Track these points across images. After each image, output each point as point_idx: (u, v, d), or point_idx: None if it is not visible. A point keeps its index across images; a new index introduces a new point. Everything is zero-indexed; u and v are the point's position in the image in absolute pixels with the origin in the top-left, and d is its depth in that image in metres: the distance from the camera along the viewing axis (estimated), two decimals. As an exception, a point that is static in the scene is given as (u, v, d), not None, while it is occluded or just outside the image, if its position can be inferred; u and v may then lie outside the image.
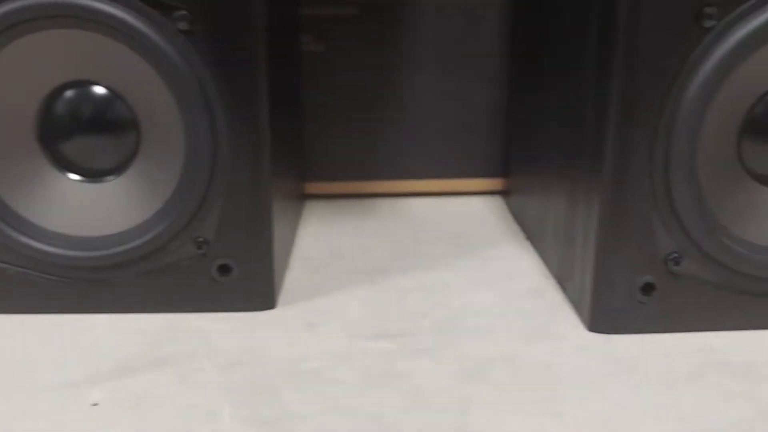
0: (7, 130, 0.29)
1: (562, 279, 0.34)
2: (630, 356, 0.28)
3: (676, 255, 0.29)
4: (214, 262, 0.31)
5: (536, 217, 0.38)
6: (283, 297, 0.33)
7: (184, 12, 0.27)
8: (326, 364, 0.28)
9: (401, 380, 0.27)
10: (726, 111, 0.27)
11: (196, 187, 0.29)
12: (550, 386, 0.26)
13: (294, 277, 0.36)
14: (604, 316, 0.29)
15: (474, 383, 0.26)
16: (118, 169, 0.30)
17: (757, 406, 0.25)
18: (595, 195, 0.28)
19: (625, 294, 0.29)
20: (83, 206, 0.30)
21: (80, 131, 0.30)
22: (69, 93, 0.29)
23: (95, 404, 0.25)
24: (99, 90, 0.29)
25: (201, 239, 0.30)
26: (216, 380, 0.27)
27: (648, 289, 0.29)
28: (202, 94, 0.28)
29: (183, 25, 0.27)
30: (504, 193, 0.47)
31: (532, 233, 0.39)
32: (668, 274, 0.29)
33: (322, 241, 0.41)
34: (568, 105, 0.31)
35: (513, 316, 0.32)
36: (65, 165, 0.30)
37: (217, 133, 0.29)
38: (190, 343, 0.29)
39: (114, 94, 0.29)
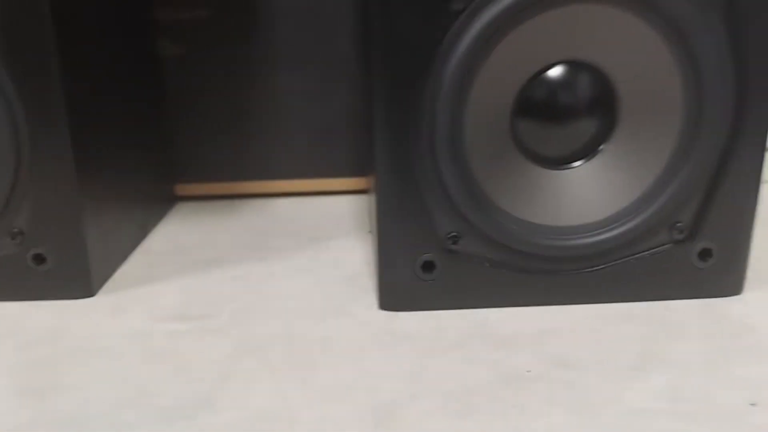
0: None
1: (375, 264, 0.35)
2: (405, 330, 0.29)
3: (454, 234, 0.30)
4: (29, 252, 0.32)
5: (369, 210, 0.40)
6: (108, 286, 0.35)
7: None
8: (117, 342, 0.29)
9: (177, 356, 0.28)
10: (494, 93, 0.28)
11: (2, 180, 0.31)
12: (312, 358, 0.28)
13: (127, 269, 0.37)
14: (390, 294, 0.31)
15: (244, 358, 0.28)
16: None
17: (497, 372, 0.26)
18: (375, 180, 0.30)
19: (408, 273, 0.30)
20: None
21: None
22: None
23: None
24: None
25: (16, 230, 0.32)
26: (8, 356, 0.28)
27: (429, 267, 0.30)
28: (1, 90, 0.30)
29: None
30: (366, 191, 0.48)
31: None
32: (448, 252, 0.30)
33: (173, 237, 0.42)
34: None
35: (318, 299, 0.33)
36: None
37: (17, 130, 0.30)
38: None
39: None
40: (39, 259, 0.33)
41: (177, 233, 0.43)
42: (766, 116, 0.28)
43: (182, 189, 0.49)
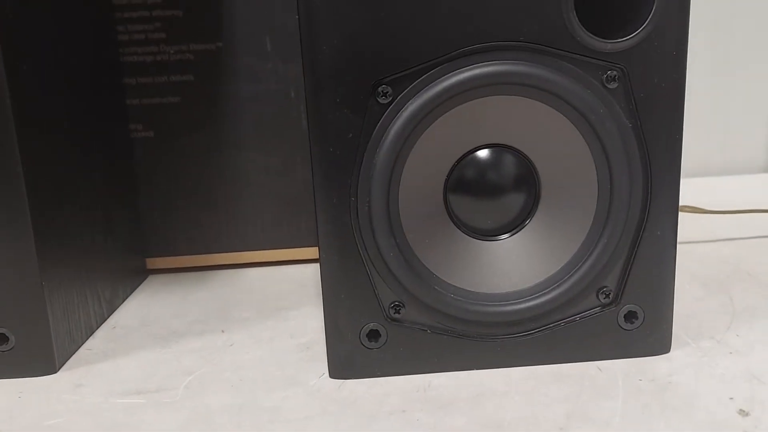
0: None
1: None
2: (352, 398, 0.31)
3: (397, 303, 0.32)
4: (-9, 332, 0.34)
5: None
6: (71, 362, 0.36)
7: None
8: (70, 419, 0.30)
9: (131, 430, 0.29)
10: (425, 173, 0.31)
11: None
12: (259, 428, 0.29)
13: (92, 344, 0.39)
14: (338, 362, 0.32)
15: (194, 430, 0.29)
16: None
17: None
18: (319, 255, 0.32)
19: (355, 342, 0.32)
20: None
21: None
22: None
23: None
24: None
25: (-20, 311, 0.34)
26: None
27: (374, 336, 0.32)
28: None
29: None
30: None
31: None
32: (391, 321, 0.32)
33: (140, 311, 0.44)
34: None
35: (272, 369, 0.34)
36: None
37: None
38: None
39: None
40: (2, 338, 0.34)
41: (144, 307, 0.44)
42: (673, 187, 0.31)
43: (153, 263, 0.51)
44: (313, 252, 0.52)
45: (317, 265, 0.52)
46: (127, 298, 0.46)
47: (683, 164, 0.32)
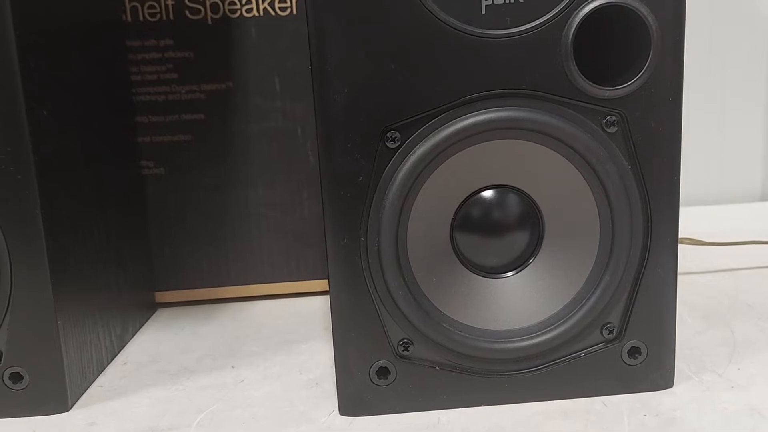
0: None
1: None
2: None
3: (406, 341, 0.33)
4: (5, 371, 0.34)
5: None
6: (83, 400, 0.37)
7: None
8: (86, 459, 0.31)
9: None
10: (432, 213, 0.32)
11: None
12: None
13: (104, 381, 0.39)
14: (349, 400, 0.33)
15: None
16: None
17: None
18: (330, 294, 0.33)
19: (364, 379, 0.33)
20: None
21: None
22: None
23: None
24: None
25: (-6, 350, 0.35)
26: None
27: (383, 373, 0.33)
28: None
29: None
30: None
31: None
32: (400, 358, 0.33)
33: (150, 346, 0.44)
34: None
35: (283, 405, 0.35)
36: None
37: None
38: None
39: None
40: (16, 377, 0.35)
41: (154, 342, 0.45)
42: (672, 226, 0.32)
43: (162, 296, 0.51)
44: (319, 285, 0.53)
45: (323, 298, 0.53)
46: (136, 332, 0.47)
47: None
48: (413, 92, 0.30)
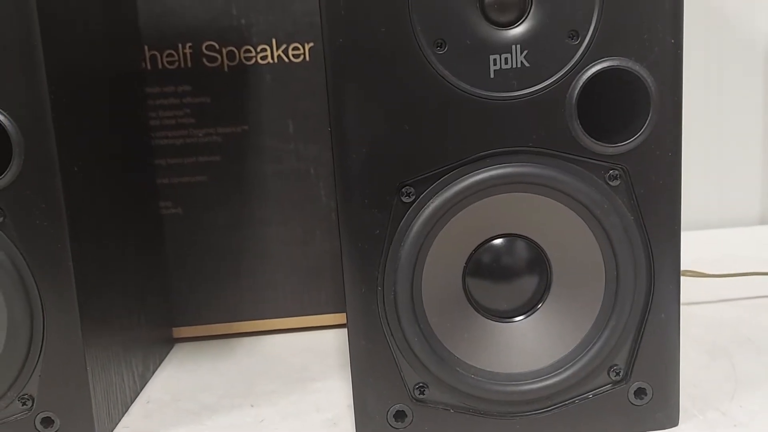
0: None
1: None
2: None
3: (421, 385, 0.34)
4: (37, 416, 0.36)
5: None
6: (110, 441, 0.38)
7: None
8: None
9: None
10: (446, 261, 0.34)
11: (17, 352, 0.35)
12: None
13: (128, 421, 0.41)
14: (367, 442, 0.35)
15: None
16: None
17: None
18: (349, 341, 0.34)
19: (381, 423, 0.34)
20: None
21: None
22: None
23: None
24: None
25: (26, 396, 0.35)
26: None
27: (400, 416, 0.34)
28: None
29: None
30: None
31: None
32: (416, 402, 0.34)
33: (170, 384, 0.46)
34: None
35: (302, 446, 0.36)
36: None
37: (30, 306, 0.35)
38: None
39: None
40: (47, 422, 0.36)
41: (174, 379, 0.46)
42: (674, 273, 0.34)
43: (179, 332, 0.53)
44: (332, 318, 0.54)
45: (336, 331, 0.54)
46: (156, 369, 0.48)
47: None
48: (427, 150, 0.32)
